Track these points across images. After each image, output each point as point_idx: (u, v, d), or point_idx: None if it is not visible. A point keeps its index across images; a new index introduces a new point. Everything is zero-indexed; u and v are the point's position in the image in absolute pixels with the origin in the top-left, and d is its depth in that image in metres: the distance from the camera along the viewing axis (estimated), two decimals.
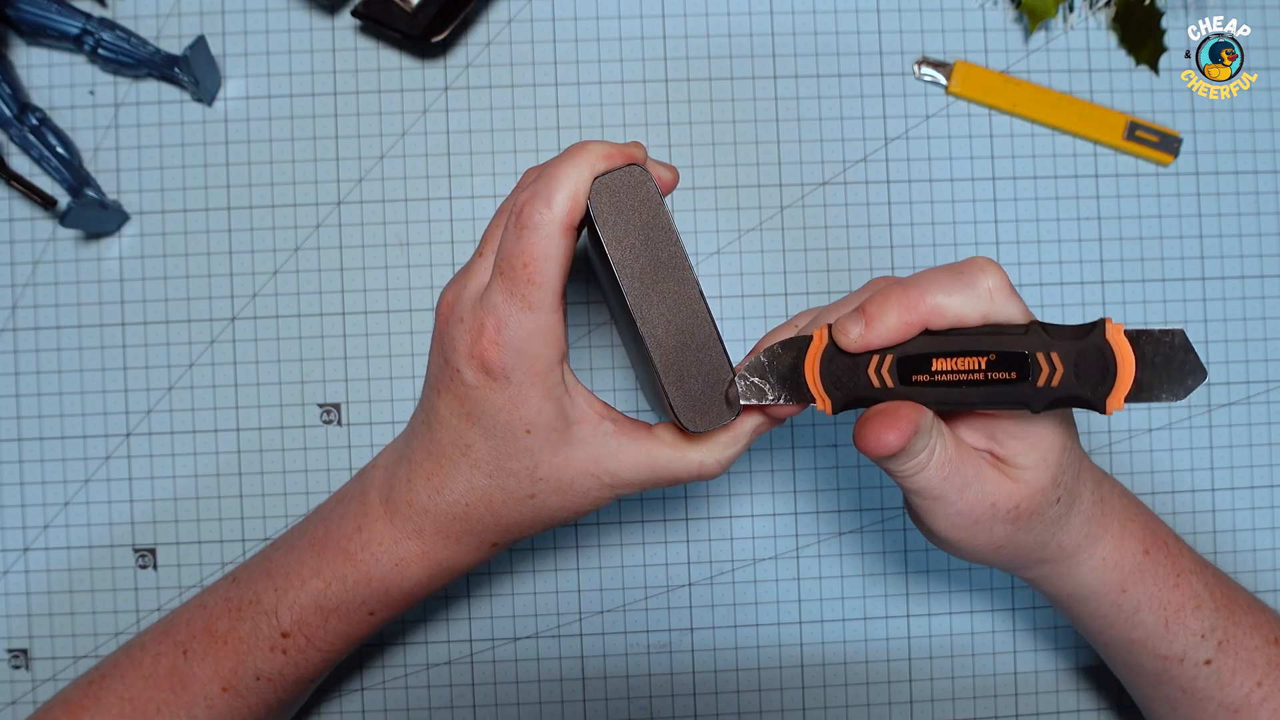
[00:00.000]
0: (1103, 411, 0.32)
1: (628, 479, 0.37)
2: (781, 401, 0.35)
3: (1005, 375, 0.32)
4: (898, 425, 0.33)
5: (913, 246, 0.52)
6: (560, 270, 0.33)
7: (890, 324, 0.33)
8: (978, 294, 0.33)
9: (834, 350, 0.34)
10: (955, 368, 0.33)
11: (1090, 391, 0.32)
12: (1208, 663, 0.41)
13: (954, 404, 0.33)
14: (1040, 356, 0.32)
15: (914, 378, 0.33)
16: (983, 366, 0.33)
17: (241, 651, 0.40)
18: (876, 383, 0.33)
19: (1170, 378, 0.32)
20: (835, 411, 0.34)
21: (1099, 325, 0.32)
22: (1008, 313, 0.33)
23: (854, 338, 0.33)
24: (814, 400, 0.34)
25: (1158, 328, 0.32)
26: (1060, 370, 0.32)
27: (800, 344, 0.34)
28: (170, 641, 0.41)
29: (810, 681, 0.51)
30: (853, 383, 0.34)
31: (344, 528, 0.40)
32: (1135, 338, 0.32)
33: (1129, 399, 0.32)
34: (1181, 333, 0.32)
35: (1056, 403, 0.33)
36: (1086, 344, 0.32)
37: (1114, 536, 0.40)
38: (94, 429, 0.50)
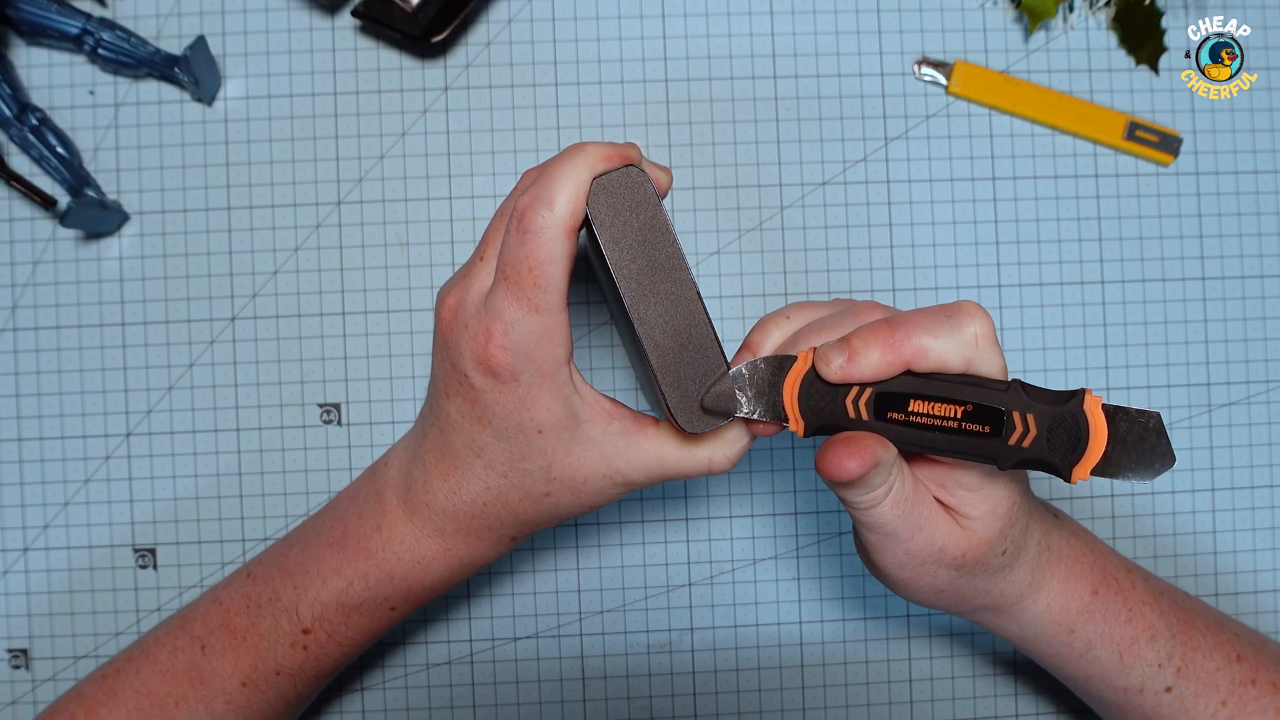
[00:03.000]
0: (1067, 480, 0.33)
1: (639, 478, 0.37)
2: (755, 416, 0.35)
3: (978, 428, 0.33)
4: (859, 454, 0.33)
5: (913, 246, 0.52)
6: (564, 272, 0.33)
7: (873, 361, 0.33)
8: (963, 340, 0.33)
9: (815, 375, 0.34)
10: (931, 412, 0.33)
11: (1059, 458, 0.33)
12: (1168, 690, 0.41)
13: (922, 447, 0.34)
14: (1016, 415, 0.33)
15: (889, 414, 0.33)
16: (958, 416, 0.33)
17: (261, 647, 0.40)
18: (852, 413, 0.34)
19: (1140, 458, 0.32)
20: (807, 434, 0.35)
21: (1078, 395, 0.33)
22: (989, 362, 0.33)
23: (835, 369, 0.33)
24: (787, 420, 0.35)
25: (1136, 407, 0.33)
26: (1033, 432, 0.33)
27: (783, 362, 0.35)
28: (187, 637, 0.41)
29: (810, 681, 0.51)
30: (828, 409, 0.34)
31: (363, 527, 0.40)
32: (1112, 413, 0.32)
33: (1095, 472, 0.32)
34: (1158, 416, 0.32)
35: (1024, 463, 0.33)
36: (1063, 411, 0.33)
37: (1059, 581, 0.40)
38: (94, 429, 0.50)
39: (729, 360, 0.35)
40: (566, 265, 0.33)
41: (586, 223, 0.34)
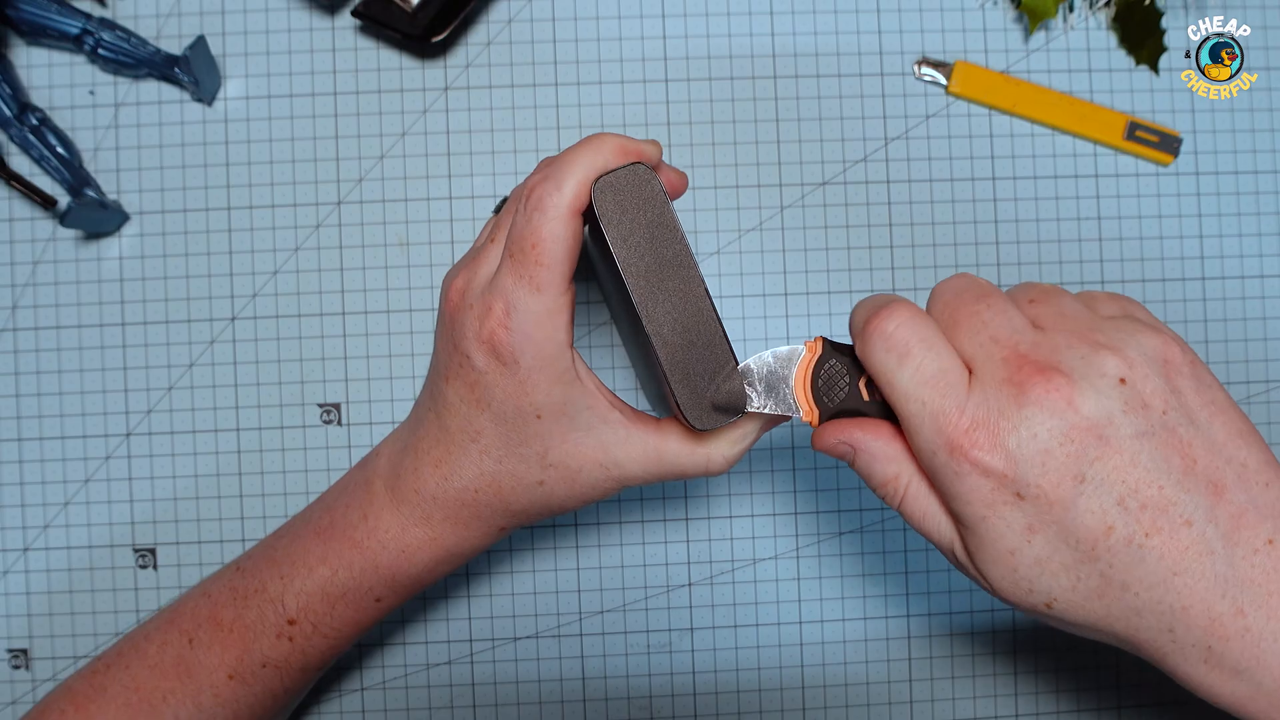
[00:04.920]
0: None
1: (634, 472, 0.37)
2: (767, 410, 0.35)
3: None
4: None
5: (913, 246, 0.52)
6: (569, 253, 0.33)
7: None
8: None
9: (825, 361, 0.34)
10: None
11: None
12: None
13: None
14: None
15: None
16: None
17: (248, 639, 0.40)
18: (867, 395, 0.34)
19: None
20: (821, 423, 0.35)
21: None
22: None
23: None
24: (798, 411, 0.35)
25: None
26: None
27: (791, 354, 0.35)
28: (175, 630, 0.41)
29: (810, 681, 0.51)
30: (842, 394, 0.34)
31: (349, 516, 0.40)
32: None
33: None
34: None
35: None
36: None
37: None
38: (94, 429, 0.50)
39: (737, 357, 0.35)
40: (571, 247, 0.33)
41: (593, 220, 0.34)
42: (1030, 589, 0.30)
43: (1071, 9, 0.52)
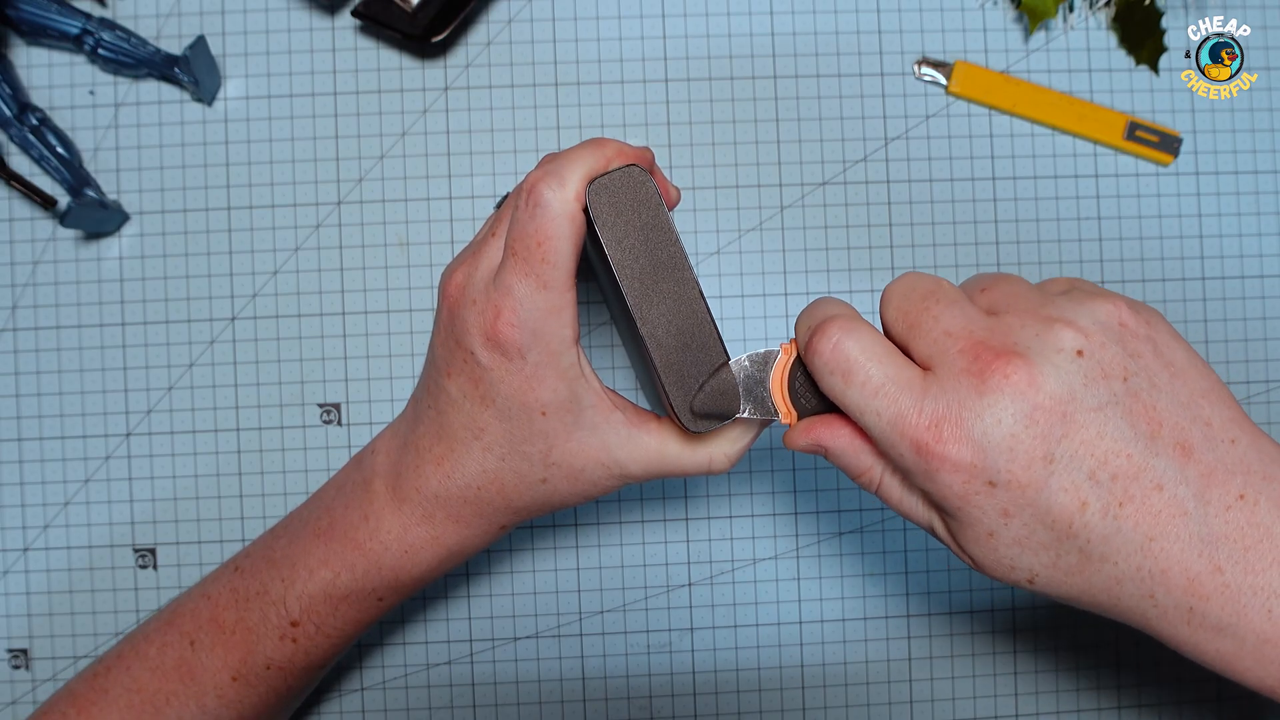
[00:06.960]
0: None
1: (636, 471, 0.37)
2: (746, 414, 0.35)
3: None
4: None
5: (913, 246, 0.52)
6: (572, 249, 0.33)
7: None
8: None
9: (800, 363, 0.34)
10: None
11: None
12: None
13: None
14: None
15: None
16: None
17: (250, 641, 0.40)
18: None
19: None
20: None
21: None
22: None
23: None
24: (778, 414, 0.35)
25: None
26: None
27: (767, 358, 0.35)
28: (176, 632, 0.41)
29: (810, 681, 0.51)
30: (818, 395, 0.34)
31: (350, 517, 0.40)
32: None
33: None
34: None
35: None
36: None
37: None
38: (94, 429, 0.50)
39: (731, 359, 0.35)
40: (575, 243, 0.33)
41: (588, 222, 0.34)
42: (1012, 566, 0.31)
43: (1071, 9, 0.52)
